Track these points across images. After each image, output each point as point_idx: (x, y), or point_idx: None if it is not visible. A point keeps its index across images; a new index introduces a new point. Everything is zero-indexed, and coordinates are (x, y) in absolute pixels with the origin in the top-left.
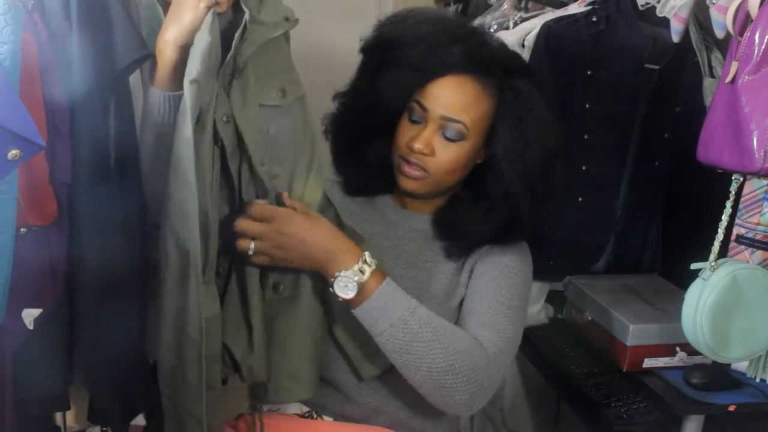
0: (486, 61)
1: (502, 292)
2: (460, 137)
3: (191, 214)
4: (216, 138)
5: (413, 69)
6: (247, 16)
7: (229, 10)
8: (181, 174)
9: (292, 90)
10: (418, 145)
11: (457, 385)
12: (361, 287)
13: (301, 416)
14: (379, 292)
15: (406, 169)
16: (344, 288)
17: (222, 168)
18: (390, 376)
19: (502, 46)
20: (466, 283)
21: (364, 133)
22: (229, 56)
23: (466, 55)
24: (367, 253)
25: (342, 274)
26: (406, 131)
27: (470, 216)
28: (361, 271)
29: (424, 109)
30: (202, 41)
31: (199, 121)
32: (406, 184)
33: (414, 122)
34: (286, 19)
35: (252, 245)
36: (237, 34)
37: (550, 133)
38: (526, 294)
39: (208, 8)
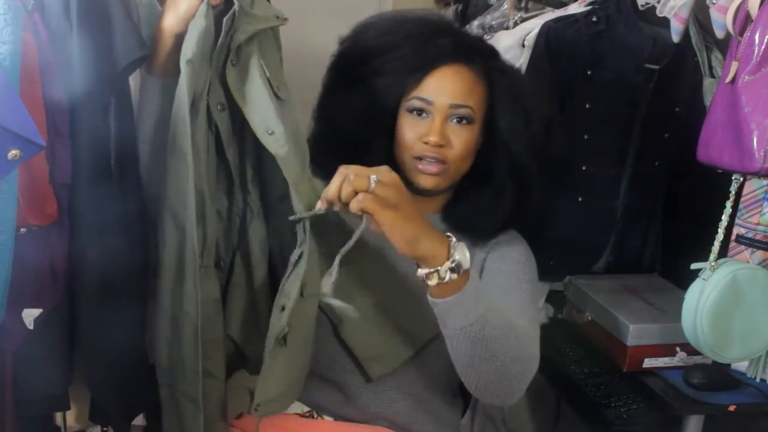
0: (470, 49)
1: (523, 285)
2: (470, 121)
3: (188, 191)
4: (210, 123)
5: (408, 66)
6: (236, 6)
7: (222, 5)
8: (179, 150)
9: (285, 91)
10: (434, 138)
11: (520, 373)
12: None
13: (302, 416)
14: (474, 273)
15: (423, 167)
16: (463, 254)
17: (219, 157)
18: (390, 380)
19: (472, 34)
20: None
21: (357, 144)
22: (219, 42)
23: (454, 45)
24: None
25: (457, 243)
26: (412, 129)
27: (480, 202)
28: (460, 242)
29: (428, 102)
30: (198, 26)
31: (193, 105)
32: (426, 181)
33: (417, 118)
34: (276, 17)
35: (374, 178)
36: (226, 19)
37: (543, 102)
38: (537, 290)
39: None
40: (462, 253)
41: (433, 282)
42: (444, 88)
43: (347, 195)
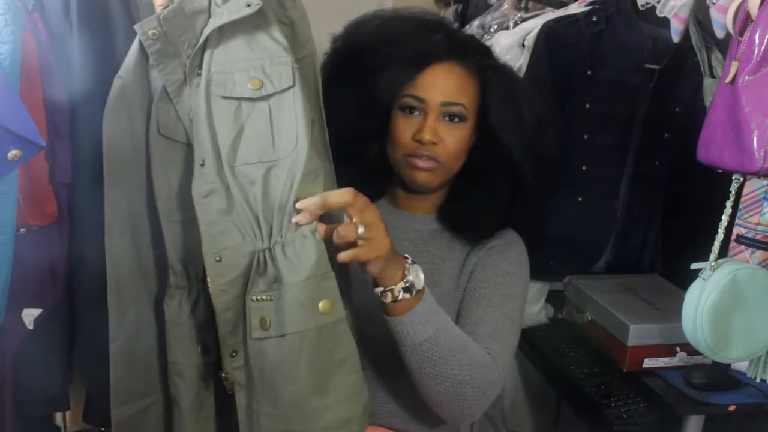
0: (462, 46)
1: (506, 302)
2: (463, 118)
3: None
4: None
5: (401, 64)
6: (166, 10)
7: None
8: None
9: (275, 80)
10: (427, 136)
11: (473, 397)
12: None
13: None
14: (428, 295)
15: (417, 162)
16: (417, 276)
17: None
18: (385, 382)
19: (464, 32)
20: (464, 287)
21: (351, 144)
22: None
23: (447, 42)
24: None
25: (412, 266)
26: (405, 127)
27: (474, 201)
28: (415, 263)
29: (420, 100)
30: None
31: (150, 115)
32: (420, 177)
33: (410, 116)
34: (248, 5)
35: (361, 228)
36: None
37: (536, 100)
38: (525, 301)
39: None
40: (416, 275)
41: (387, 300)
42: (436, 86)
43: (332, 239)
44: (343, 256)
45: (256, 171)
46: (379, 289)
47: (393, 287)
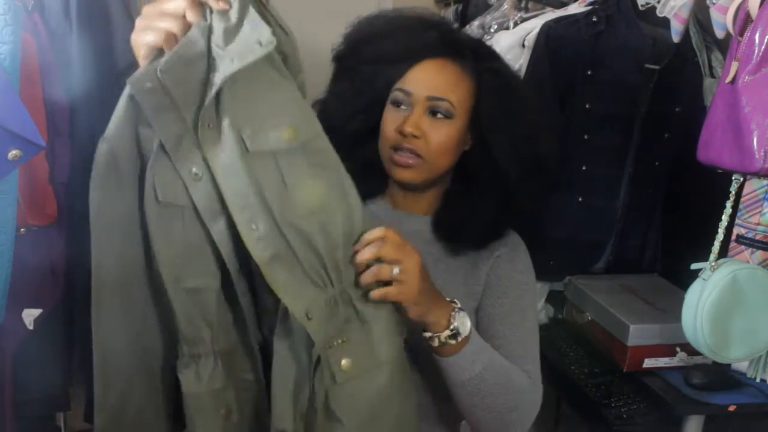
0: (459, 45)
1: (526, 315)
2: (448, 115)
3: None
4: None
5: (393, 58)
6: (163, 61)
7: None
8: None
9: (306, 126)
10: (408, 129)
11: (520, 421)
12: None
13: None
14: (474, 335)
15: (399, 158)
16: (463, 323)
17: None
18: None
19: (467, 33)
20: (479, 298)
21: (349, 137)
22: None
23: (441, 39)
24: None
25: (458, 313)
26: (392, 120)
27: (467, 206)
28: (462, 310)
29: (407, 93)
30: (124, 96)
31: (142, 181)
32: (401, 174)
33: (398, 110)
34: (260, 44)
35: (396, 269)
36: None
37: (531, 107)
38: (537, 303)
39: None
40: (462, 322)
41: (434, 344)
42: (424, 80)
43: (370, 282)
44: (375, 293)
45: (310, 222)
46: (426, 334)
47: (439, 334)
